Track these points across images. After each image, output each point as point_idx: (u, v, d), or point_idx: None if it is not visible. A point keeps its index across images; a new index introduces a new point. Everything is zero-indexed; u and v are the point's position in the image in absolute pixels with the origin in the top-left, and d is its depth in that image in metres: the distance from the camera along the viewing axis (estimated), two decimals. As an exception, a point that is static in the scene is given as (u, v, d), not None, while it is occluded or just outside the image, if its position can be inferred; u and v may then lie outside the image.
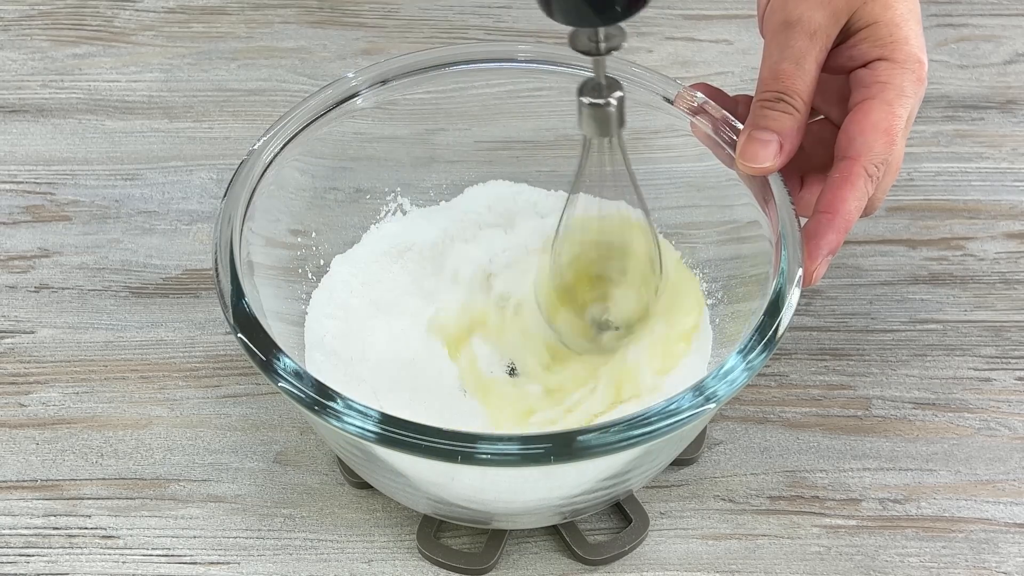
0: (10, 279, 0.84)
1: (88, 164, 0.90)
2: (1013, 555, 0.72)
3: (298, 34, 0.98)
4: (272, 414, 0.77)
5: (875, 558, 0.72)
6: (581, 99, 0.66)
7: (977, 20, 1.00)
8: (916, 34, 0.70)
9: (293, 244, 0.76)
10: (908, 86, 0.69)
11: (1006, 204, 0.88)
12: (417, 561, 0.72)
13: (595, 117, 0.66)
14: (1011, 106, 0.94)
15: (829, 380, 0.79)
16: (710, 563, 0.72)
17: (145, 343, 0.81)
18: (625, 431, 0.62)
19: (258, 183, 0.72)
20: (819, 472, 0.75)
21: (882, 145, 0.68)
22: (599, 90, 0.66)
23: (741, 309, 0.73)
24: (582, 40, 0.64)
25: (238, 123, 0.92)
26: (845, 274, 0.84)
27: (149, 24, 0.99)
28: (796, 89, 0.68)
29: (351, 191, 0.79)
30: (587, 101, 0.66)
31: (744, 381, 0.64)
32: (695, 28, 0.99)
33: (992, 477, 0.75)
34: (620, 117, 0.67)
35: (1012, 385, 0.79)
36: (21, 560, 0.72)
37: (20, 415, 0.77)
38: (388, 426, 0.62)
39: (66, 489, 0.74)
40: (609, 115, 0.66)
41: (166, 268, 0.84)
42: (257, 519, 0.73)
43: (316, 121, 0.75)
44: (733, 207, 0.74)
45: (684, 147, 0.75)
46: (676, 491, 0.75)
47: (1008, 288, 0.83)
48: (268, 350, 0.65)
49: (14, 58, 0.97)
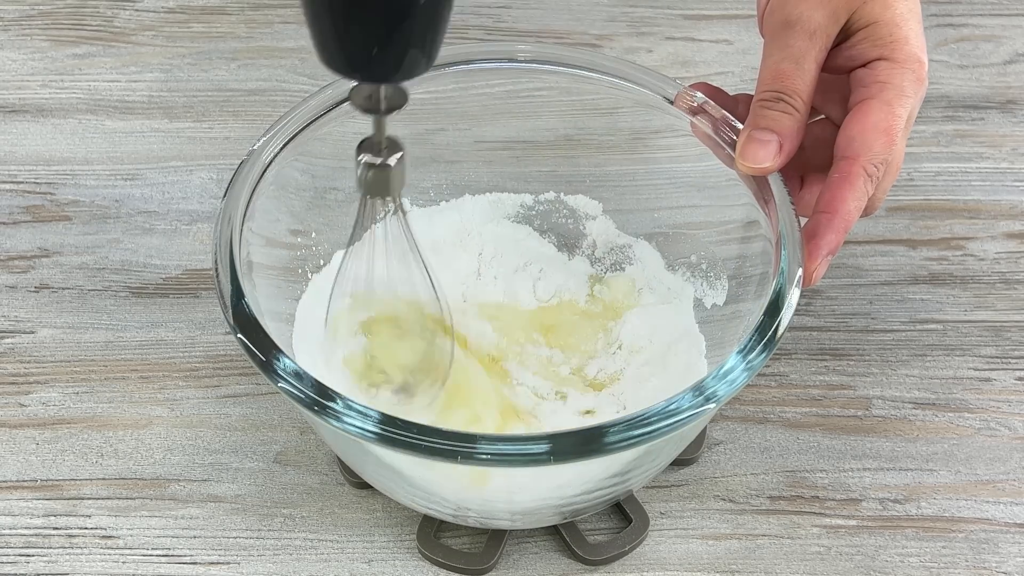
0: (10, 279, 0.84)
1: (88, 164, 0.90)
2: (1013, 555, 0.72)
3: (298, 34, 0.98)
4: (272, 414, 0.77)
5: (875, 558, 0.72)
6: (358, 158, 0.63)
7: (977, 20, 1.00)
8: (916, 34, 0.70)
9: (293, 244, 0.76)
10: (908, 86, 0.69)
11: (1006, 204, 0.88)
12: (417, 561, 0.72)
13: (372, 177, 0.63)
14: (1011, 106, 0.94)
15: (829, 380, 0.79)
16: (710, 563, 0.72)
17: (145, 343, 0.81)
18: (625, 431, 0.62)
19: (258, 183, 0.72)
20: (819, 472, 0.75)
21: (882, 145, 0.68)
22: (377, 149, 0.63)
23: (741, 309, 0.73)
24: (360, 97, 0.61)
25: (238, 123, 0.92)
26: (845, 274, 0.84)
27: (149, 24, 0.99)
28: (796, 89, 0.68)
29: (351, 191, 0.79)
30: (364, 160, 0.63)
31: (744, 381, 0.64)
32: (695, 28, 0.99)
33: (992, 477, 0.75)
34: (400, 178, 0.64)
35: (1012, 385, 0.79)
36: (21, 560, 0.72)
37: (20, 415, 0.77)
38: (388, 426, 0.62)
39: (66, 489, 0.74)
40: (386, 176, 0.63)
41: (166, 268, 0.84)
42: (257, 519, 0.73)
43: (316, 121, 0.75)
44: (733, 207, 0.74)
45: (684, 147, 0.75)
46: (676, 491, 0.75)
47: (1008, 288, 0.83)
48: (268, 350, 0.65)
49: (14, 58, 0.97)
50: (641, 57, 0.97)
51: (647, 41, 0.98)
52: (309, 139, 0.75)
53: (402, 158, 0.63)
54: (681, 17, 1.00)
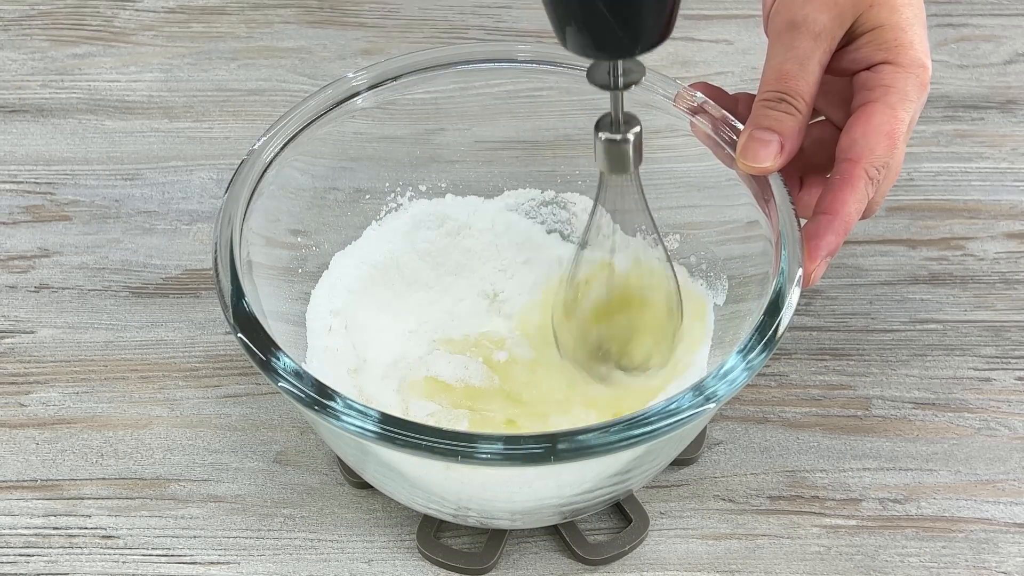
0: (10, 279, 0.84)
1: (88, 164, 0.90)
2: (1013, 555, 0.72)
3: (298, 34, 0.98)
4: (272, 414, 0.77)
5: (875, 558, 0.72)
6: (598, 135, 0.64)
7: (977, 20, 1.00)
8: (921, 39, 0.70)
9: (293, 244, 0.76)
10: (912, 90, 0.69)
11: (1006, 204, 0.88)
12: (417, 561, 0.72)
13: (611, 153, 0.65)
14: (1011, 106, 0.94)
15: (829, 380, 0.79)
16: (710, 563, 0.72)
17: (145, 343, 0.81)
18: (625, 431, 0.62)
19: (258, 183, 0.72)
20: (819, 472, 0.75)
21: (884, 148, 0.68)
22: (616, 126, 0.64)
23: (741, 309, 0.73)
24: (600, 74, 0.62)
25: (238, 123, 0.92)
26: (845, 274, 0.84)
27: (149, 24, 0.99)
28: (799, 90, 0.68)
29: (351, 191, 0.79)
30: (603, 137, 0.64)
31: (744, 381, 0.64)
32: (695, 28, 0.99)
33: (992, 477, 0.75)
34: (637, 153, 0.65)
35: (1012, 385, 0.79)
36: (21, 560, 0.72)
37: (20, 415, 0.77)
38: (388, 426, 0.62)
39: (66, 489, 0.74)
40: (625, 151, 0.65)
41: (166, 268, 0.84)
42: (257, 519, 0.73)
43: (316, 121, 0.75)
44: (733, 207, 0.74)
45: (684, 147, 0.75)
46: (676, 491, 0.75)
47: (1008, 288, 0.83)
48: (268, 350, 0.65)
49: (14, 58, 0.97)
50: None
51: (647, 41, 0.98)
52: (309, 139, 0.75)
53: (639, 132, 0.64)
54: (681, 17, 0.99)
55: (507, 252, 0.80)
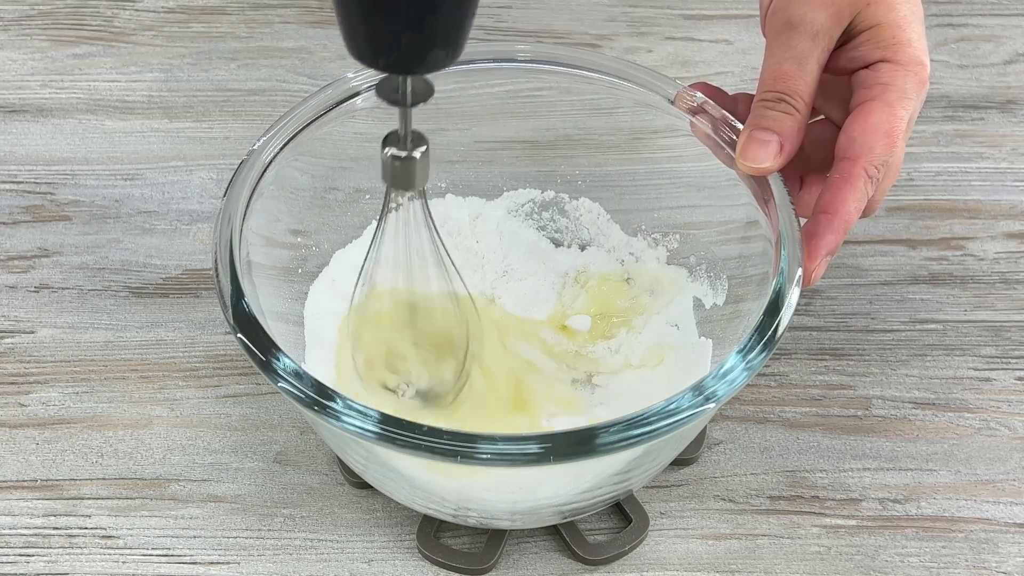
0: (10, 279, 0.84)
1: (88, 164, 0.90)
2: (1013, 555, 0.72)
3: (298, 34, 0.98)
4: (272, 414, 0.77)
5: (875, 558, 0.72)
6: (384, 150, 0.64)
7: (977, 20, 1.00)
8: (919, 36, 0.70)
9: (293, 244, 0.76)
10: (910, 88, 0.69)
11: (1006, 204, 0.88)
12: (417, 561, 0.72)
13: (396, 169, 0.64)
14: (1011, 106, 0.94)
15: (829, 380, 0.79)
16: (710, 563, 0.72)
17: (145, 343, 0.81)
18: (625, 431, 0.62)
19: (258, 183, 0.72)
20: (819, 472, 0.75)
21: (883, 147, 0.68)
22: (403, 142, 0.63)
23: (741, 309, 0.73)
24: (388, 89, 0.61)
25: (238, 123, 0.92)
26: (845, 274, 0.84)
27: (149, 24, 0.99)
28: (797, 90, 0.68)
29: (351, 191, 0.79)
30: (389, 153, 0.64)
31: (744, 381, 0.64)
32: (695, 28, 0.99)
33: (992, 477, 0.75)
34: (423, 171, 0.64)
35: (1012, 385, 0.79)
36: (21, 560, 0.72)
37: (20, 415, 0.77)
38: (388, 426, 0.62)
39: (66, 489, 0.74)
40: (411, 169, 0.64)
41: (166, 268, 0.84)
42: (257, 519, 0.73)
43: (316, 121, 0.75)
44: (733, 207, 0.74)
45: (684, 147, 0.75)
46: (676, 491, 0.75)
47: (1008, 288, 0.83)
48: (268, 350, 0.65)
49: (14, 58, 0.97)
50: (641, 57, 0.97)
51: (647, 41, 0.98)
52: (309, 139, 0.75)
53: (426, 151, 0.64)
54: (681, 17, 1.00)
55: (509, 258, 0.80)
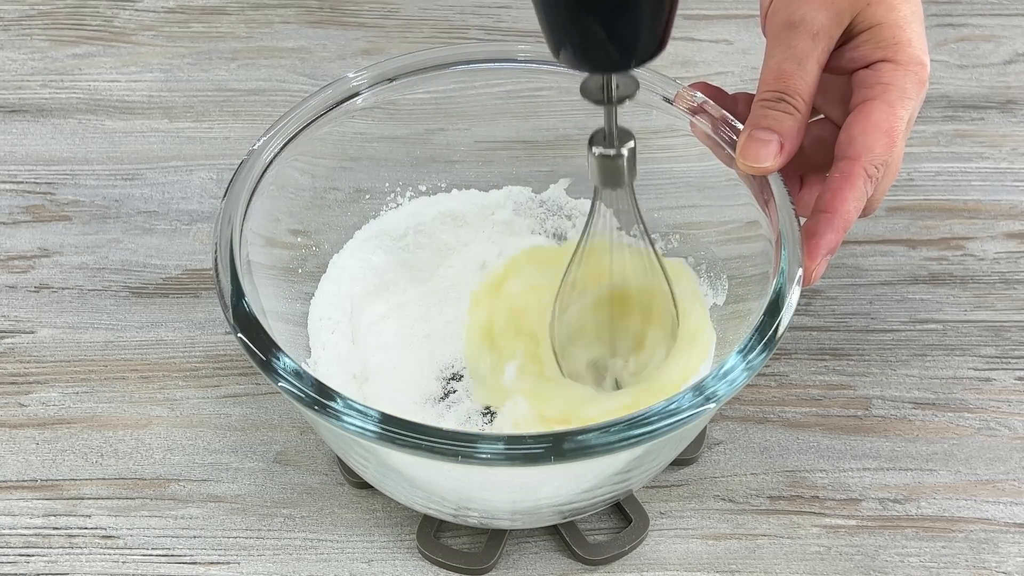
0: (10, 279, 0.84)
1: (88, 164, 0.90)
2: (1013, 555, 0.72)
3: (298, 34, 0.98)
4: (272, 414, 0.77)
5: (875, 558, 0.72)
6: (591, 150, 0.64)
7: (977, 20, 1.00)
8: (919, 36, 0.70)
9: (293, 244, 0.76)
10: (910, 88, 0.69)
11: (1006, 204, 0.88)
12: (417, 561, 0.72)
13: (605, 168, 0.65)
14: (1011, 106, 0.94)
15: (829, 380, 0.79)
16: (710, 563, 0.72)
17: (145, 343, 0.81)
18: (625, 431, 0.62)
19: (258, 183, 0.72)
20: (819, 472, 0.75)
21: (883, 146, 0.68)
22: (610, 140, 0.64)
23: (741, 309, 0.73)
24: (593, 88, 0.62)
25: (238, 123, 0.92)
26: (845, 274, 0.84)
27: (149, 24, 0.99)
28: (797, 89, 0.68)
29: (351, 191, 0.79)
30: (598, 152, 0.64)
31: (744, 381, 0.64)
32: (695, 28, 0.99)
33: (992, 477, 0.75)
34: (631, 168, 0.65)
35: (1012, 385, 0.79)
36: (21, 560, 0.72)
37: (20, 415, 0.77)
38: (388, 425, 0.62)
39: (66, 489, 0.74)
40: (619, 166, 0.65)
41: (166, 268, 0.84)
42: (257, 519, 0.73)
43: (316, 121, 0.75)
44: (733, 207, 0.74)
45: (684, 147, 0.75)
46: (676, 491, 0.75)
47: (1008, 288, 0.83)
48: (268, 350, 0.65)
49: (14, 58, 0.97)
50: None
51: (647, 41, 0.98)
52: (309, 139, 0.75)
53: (634, 147, 0.64)
54: (681, 17, 0.99)
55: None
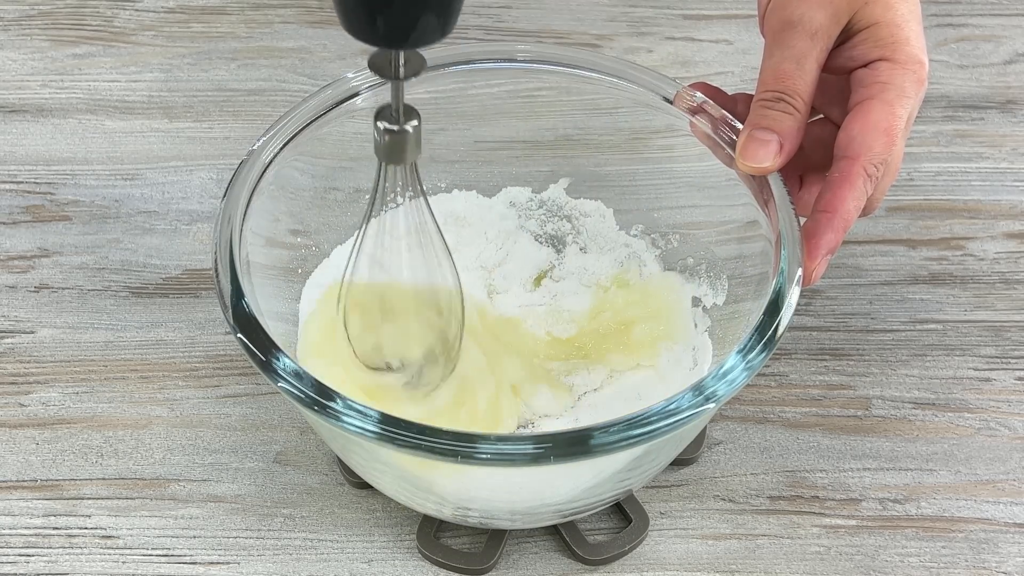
0: (10, 279, 0.84)
1: (88, 164, 0.90)
2: (1013, 555, 0.72)
3: (298, 34, 0.98)
4: (272, 414, 0.77)
5: (875, 558, 0.72)
6: (376, 124, 0.64)
7: (977, 20, 1.00)
8: (917, 35, 0.70)
9: (293, 244, 0.76)
10: (909, 87, 0.69)
11: (1006, 204, 0.88)
12: (417, 561, 0.72)
13: (389, 144, 0.64)
14: (1011, 106, 0.94)
15: (829, 380, 0.79)
16: (710, 563, 0.72)
17: (145, 343, 0.81)
18: (625, 431, 0.62)
19: (258, 183, 0.72)
20: (819, 472, 0.75)
21: (882, 145, 0.68)
22: (395, 116, 0.64)
23: (741, 309, 0.73)
24: (381, 62, 0.62)
25: (238, 123, 0.92)
26: (845, 274, 0.84)
27: (149, 24, 0.99)
28: (796, 89, 0.68)
29: (351, 191, 0.79)
30: (382, 127, 0.64)
31: (744, 381, 0.64)
32: (695, 28, 0.99)
33: (992, 477, 0.75)
34: (415, 145, 0.65)
35: (1012, 385, 0.79)
36: (21, 560, 0.72)
37: (20, 415, 0.77)
38: (387, 426, 0.62)
39: (66, 489, 0.74)
40: (403, 142, 0.64)
41: (166, 268, 0.84)
42: (257, 519, 0.73)
43: (316, 121, 0.75)
44: (733, 207, 0.74)
45: (684, 147, 0.75)
46: (676, 491, 0.75)
47: (1008, 288, 0.83)
48: (268, 350, 0.65)
49: (14, 58, 0.97)
50: (641, 57, 0.97)
51: (647, 41, 0.98)
52: (309, 139, 0.75)
53: (418, 125, 0.64)
54: (681, 17, 1.00)
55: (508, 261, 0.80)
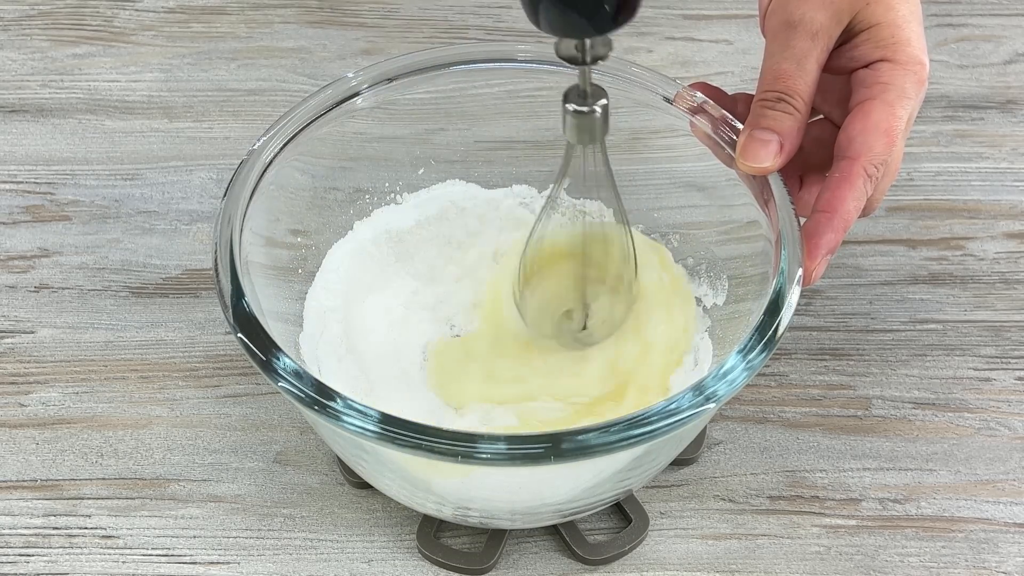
0: (10, 279, 0.84)
1: (88, 164, 0.90)
2: (1013, 555, 0.72)
3: (298, 34, 0.98)
4: (272, 414, 0.77)
5: (875, 558, 0.72)
6: (566, 106, 0.66)
7: (977, 20, 1.00)
8: (918, 36, 0.70)
9: (293, 244, 0.76)
10: (909, 87, 0.69)
11: (1006, 204, 0.88)
12: (417, 561, 0.72)
13: (579, 124, 0.67)
14: (1011, 106, 0.94)
15: (829, 380, 0.79)
16: (710, 563, 0.72)
17: (145, 343, 0.81)
18: (625, 431, 0.62)
19: (258, 183, 0.72)
20: (819, 472, 0.75)
21: (882, 146, 0.68)
22: (584, 97, 0.66)
23: (741, 309, 0.73)
24: (567, 49, 0.64)
25: (238, 123, 0.92)
26: (845, 274, 0.84)
27: (149, 24, 0.99)
28: (797, 90, 0.68)
29: (351, 191, 0.79)
30: (572, 108, 0.66)
31: (744, 381, 0.64)
32: (695, 28, 0.99)
33: (992, 477, 0.75)
34: (604, 124, 0.67)
35: (1012, 385, 0.79)
36: (21, 560, 0.72)
37: (20, 415, 0.77)
38: (387, 425, 0.62)
39: (66, 489, 0.74)
40: (594, 122, 0.67)
41: (166, 268, 0.84)
42: (257, 519, 0.73)
43: (316, 121, 0.75)
44: (733, 207, 0.74)
45: (684, 147, 0.75)
46: (676, 491, 0.75)
47: (1008, 288, 0.83)
48: (268, 350, 0.65)
49: (14, 58, 0.97)
50: (641, 57, 0.97)
51: (647, 41, 0.98)
52: (309, 139, 0.75)
53: (607, 104, 0.66)
54: (681, 17, 1.00)
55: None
